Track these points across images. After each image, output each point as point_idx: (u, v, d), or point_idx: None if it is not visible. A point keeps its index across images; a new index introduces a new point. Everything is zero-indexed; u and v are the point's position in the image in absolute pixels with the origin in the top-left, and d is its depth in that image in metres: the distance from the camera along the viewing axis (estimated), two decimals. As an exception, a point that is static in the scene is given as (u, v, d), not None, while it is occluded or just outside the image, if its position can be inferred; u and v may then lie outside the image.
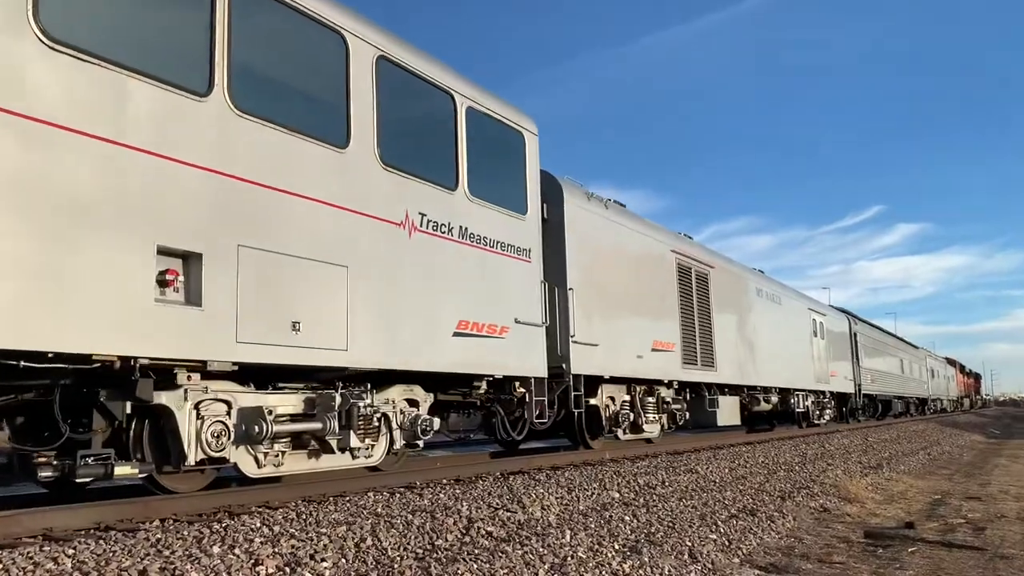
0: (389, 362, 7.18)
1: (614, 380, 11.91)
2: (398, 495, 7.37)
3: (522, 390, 9.46)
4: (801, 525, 9.08)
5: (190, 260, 5.58)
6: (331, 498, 7.08)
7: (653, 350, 12.52)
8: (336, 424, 6.69)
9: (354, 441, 6.80)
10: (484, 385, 9.22)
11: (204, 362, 5.54)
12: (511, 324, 8.95)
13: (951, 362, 69.93)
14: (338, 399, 6.69)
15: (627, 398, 12.48)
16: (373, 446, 7.48)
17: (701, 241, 16.98)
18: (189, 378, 5.52)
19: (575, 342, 10.27)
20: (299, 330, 6.22)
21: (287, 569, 4.96)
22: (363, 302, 6.92)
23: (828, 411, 23.75)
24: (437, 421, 7.97)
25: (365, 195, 7.09)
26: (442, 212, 8.06)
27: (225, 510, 6.22)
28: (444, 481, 8.67)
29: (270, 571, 4.90)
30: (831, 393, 24.12)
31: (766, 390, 18.28)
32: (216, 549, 5.07)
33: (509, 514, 7.26)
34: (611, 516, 7.88)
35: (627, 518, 7.90)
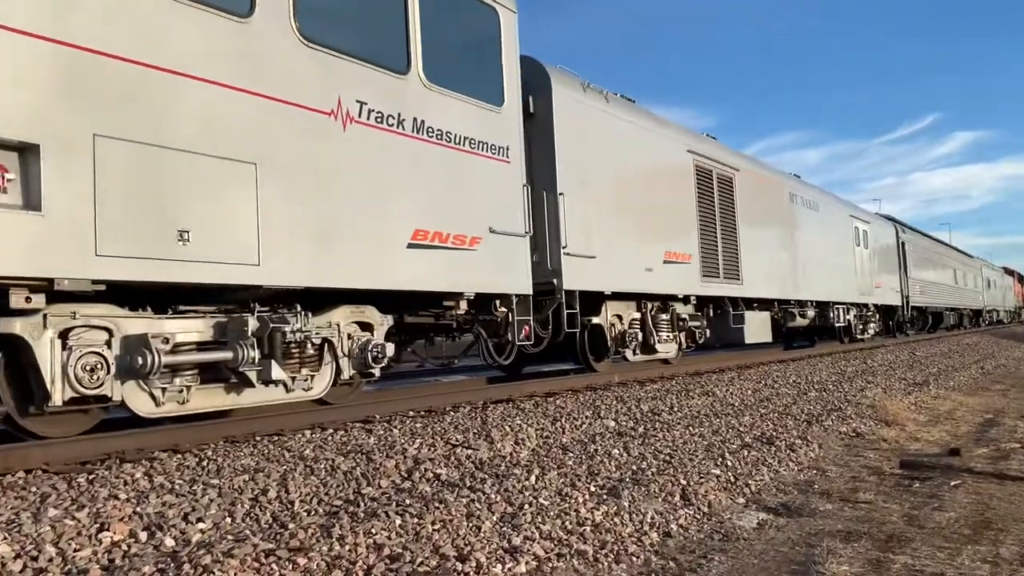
0: (321, 280, 6.04)
1: (620, 296, 10.67)
2: (340, 433, 6.32)
3: (504, 310, 8.29)
4: (827, 454, 7.88)
5: (27, 154, 4.44)
6: (259, 438, 6.05)
7: (665, 262, 11.22)
8: (252, 352, 5.60)
9: (277, 372, 5.71)
10: (463, 305, 8.08)
11: (50, 280, 4.44)
12: (484, 234, 7.72)
13: (1009, 272, 66.95)
14: (252, 323, 5.59)
15: (637, 315, 11.26)
16: (312, 376, 6.40)
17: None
18: (28, 300, 4.43)
19: (568, 254, 9.02)
20: (188, 241, 5.08)
21: (143, 534, 3.91)
22: (281, 207, 5.75)
23: (872, 325, 22.23)
24: (391, 347, 6.86)
25: (279, 76, 5.83)
26: (389, 101, 6.78)
27: (118, 456, 5.23)
28: (411, 414, 7.62)
29: (116, 538, 3.85)
30: (876, 306, 22.55)
31: (802, 304, 16.88)
32: (53, 512, 4.04)
33: (470, 452, 6.18)
34: (596, 450, 6.77)
35: (616, 452, 6.79)
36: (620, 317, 10.88)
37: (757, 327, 14.45)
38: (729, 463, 6.73)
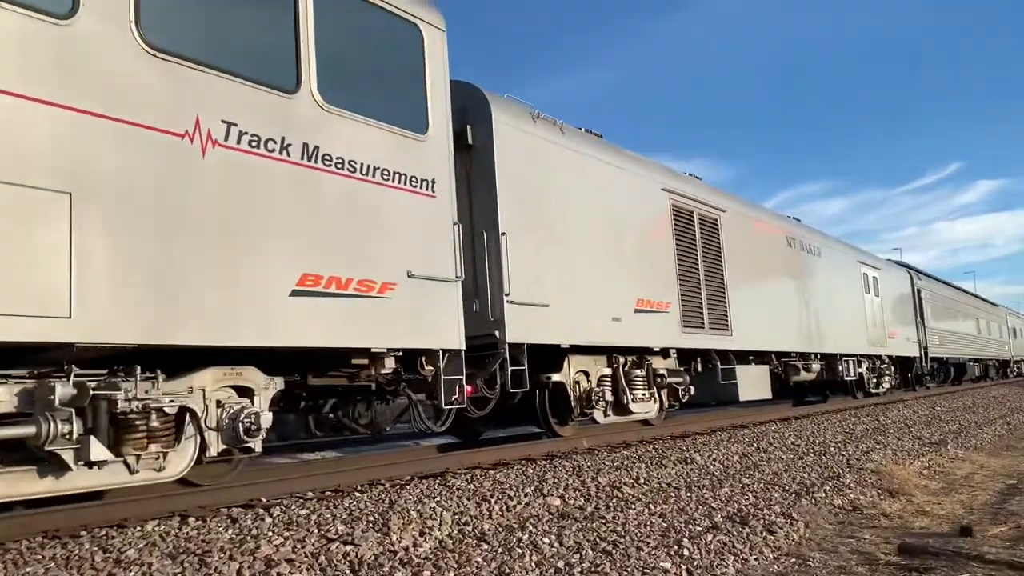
0: (165, 336, 4.92)
1: (584, 350, 9.49)
2: (192, 524, 5.13)
3: (432, 368, 7.13)
4: (813, 536, 6.60)
5: None
6: (83, 532, 4.87)
7: (638, 311, 10.03)
8: (63, 426, 4.46)
9: (97, 451, 4.56)
10: (388, 363, 6.93)
11: None
12: (400, 279, 6.61)
13: (1036, 320, 64.80)
14: (61, 390, 4.47)
15: (608, 371, 10.04)
16: (165, 454, 5.24)
17: (773, 208, 14.38)
18: None
19: (512, 303, 7.88)
20: (-42, 286, 4.00)
21: None
22: (107, 247, 4.67)
23: (888, 378, 20.76)
24: (268, 417, 5.69)
25: (111, 90, 4.81)
26: (269, 123, 5.74)
27: None
28: (309, 495, 6.41)
29: None
30: (890, 357, 21.10)
31: (804, 357, 15.54)
32: None
33: (350, 548, 4.97)
34: (521, 540, 5.55)
35: (545, 542, 5.56)
36: (586, 374, 9.66)
37: (753, 382, 13.14)
38: (686, 552, 5.49)
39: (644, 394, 10.32)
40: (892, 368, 21.31)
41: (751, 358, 13.62)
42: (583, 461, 8.64)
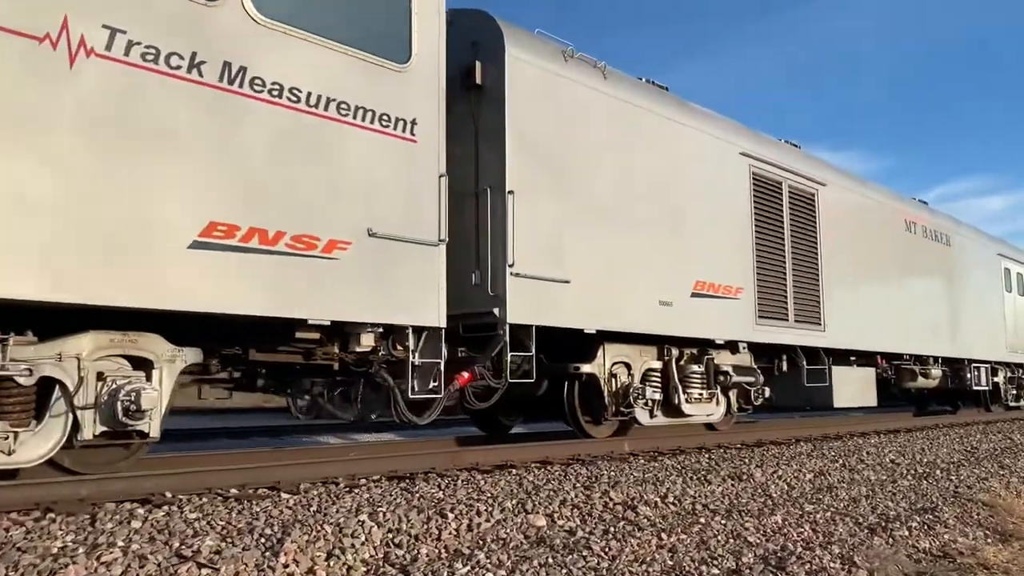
0: (11, 289, 3.91)
1: (625, 338, 8.01)
2: (25, 528, 4.10)
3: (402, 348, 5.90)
4: (872, 596, 5.00)
5: None
6: None
7: (695, 295, 8.43)
8: None
9: None
10: (365, 339, 5.79)
11: None
12: (355, 237, 5.40)
13: None
14: None
15: (656, 365, 8.51)
16: (16, 435, 4.26)
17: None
18: None
19: (516, 275, 6.51)
20: None
21: None
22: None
23: (1031, 390, 17.95)
24: (151, 396, 4.60)
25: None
26: (175, 34, 4.64)
27: None
28: (232, 491, 5.31)
29: None
30: (1036, 367, 18.25)
31: (922, 361, 13.34)
32: None
33: (206, 573, 3.84)
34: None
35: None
36: (627, 366, 8.18)
37: (852, 387, 11.21)
38: (673, 611, 4.07)
39: (702, 394, 8.72)
40: (1037, 379, 18.43)
41: (852, 359, 11.66)
42: (606, 469, 7.21)
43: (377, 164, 5.59)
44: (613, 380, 8.02)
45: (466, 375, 6.63)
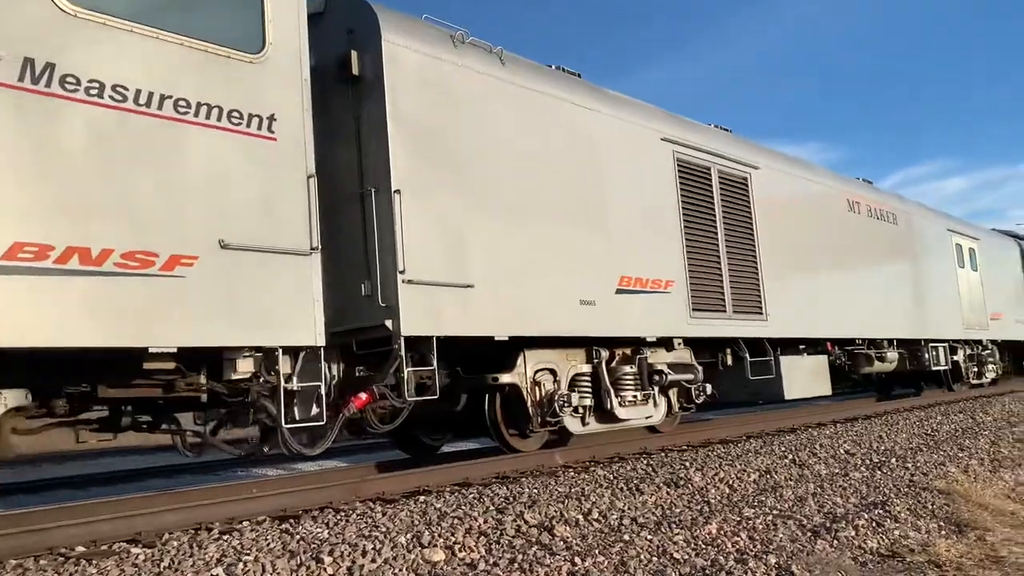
0: None
1: (548, 343, 7.43)
2: None
3: (284, 370, 5.26)
4: (806, 610, 4.48)
5: None
6: None
7: (621, 292, 7.87)
8: None
9: None
10: (246, 365, 5.16)
11: None
12: (203, 251, 4.76)
13: None
14: None
15: (586, 369, 7.93)
16: None
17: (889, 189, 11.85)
18: None
19: (409, 283, 5.90)
20: None
21: None
22: None
23: (992, 366, 17.65)
24: None
25: None
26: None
27: None
28: (75, 551, 4.63)
29: None
30: (994, 342, 17.96)
31: (877, 344, 12.91)
32: None
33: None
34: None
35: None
36: (553, 372, 7.59)
37: (803, 377, 10.72)
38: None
39: (636, 396, 8.15)
40: (997, 355, 18.15)
41: (802, 347, 11.19)
42: (528, 487, 6.61)
43: (228, 167, 4.97)
44: (537, 388, 7.43)
45: (363, 396, 6.00)
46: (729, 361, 9.88)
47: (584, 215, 7.61)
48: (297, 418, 5.29)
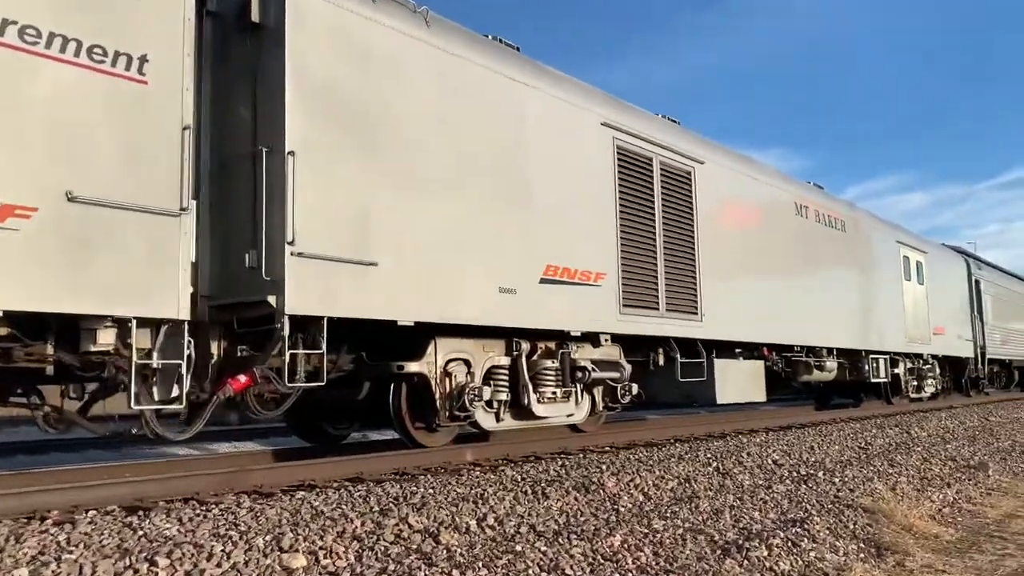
0: None
1: (463, 331, 6.91)
2: None
3: (145, 346, 4.67)
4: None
5: None
6: None
7: (545, 281, 7.38)
8: None
9: None
10: (107, 336, 4.54)
11: None
12: (43, 202, 4.15)
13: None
14: None
15: (504, 361, 7.43)
16: None
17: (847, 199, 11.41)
18: None
19: (299, 255, 5.33)
20: None
21: None
22: None
23: (932, 381, 17.56)
24: None
25: None
26: None
27: None
28: None
29: None
30: (935, 357, 17.88)
31: (816, 352, 12.62)
32: None
33: None
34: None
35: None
36: (467, 363, 7.07)
37: (738, 381, 10.35)
38: None
39: (557, 393, 7.67)
40: (938, 370, 18.08)
41: (738, 351, 10.82)
42: (426, 486, 6.09)
43: (84, 109, 4.35)
44: (448, 380, 6.90)
45: (242, 379, 5.42)
46: (661, 361, 9.45)
47: (509, 197, 7.09)
48: (157, 399, 4.70)
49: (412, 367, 6.59)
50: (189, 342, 4.75)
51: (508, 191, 7.08)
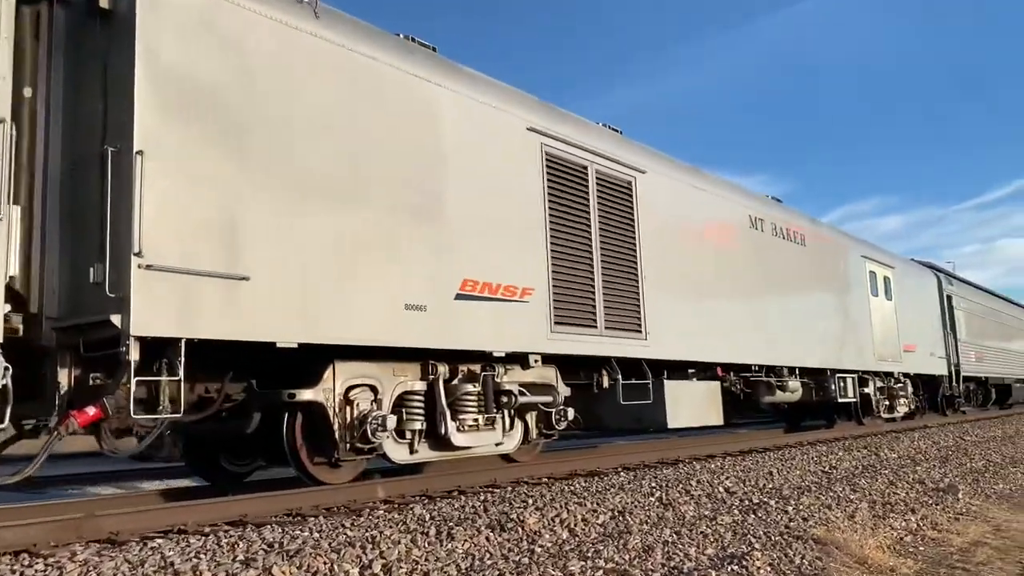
0: None
1: (368, 353, 6.24)
2: None
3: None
4: None
5: None
6: None
7: (462, 297, 6.73)
8: None
9: None
10: None
11: None
12: None
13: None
14: None
15: (419, 387, 6.75)
16: None
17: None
18: None
19: (148, 268, 4.66)
20: None
21: None
22: None
23: (904, 400, 16.97)
24: None
25: None
26: None
27: None
28: None
29: None
30: (909, 376, 17.32)
31: (777, 372, 12.00)
32: None
33: None
34: None
35: None
36: (374, 389, 6.39)
37: (691, 404, 9.69)
38: None
39: (479, 420, 7.00)
40: (911, 388, 17.51)
41: (692, 371, 10.19)
42: (313, 530, 5.38)
43: None
44: (350, 408, 6.21)
45: (91, 411, 4.72)
46: (606, 383, 8.79)
47: (417, 206, 6.46)
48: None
49: (306, 395, 5.90)
50: (6, 369, 4.05)
51: (416, 200, 6.45)
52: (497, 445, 7.38)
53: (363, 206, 5.99)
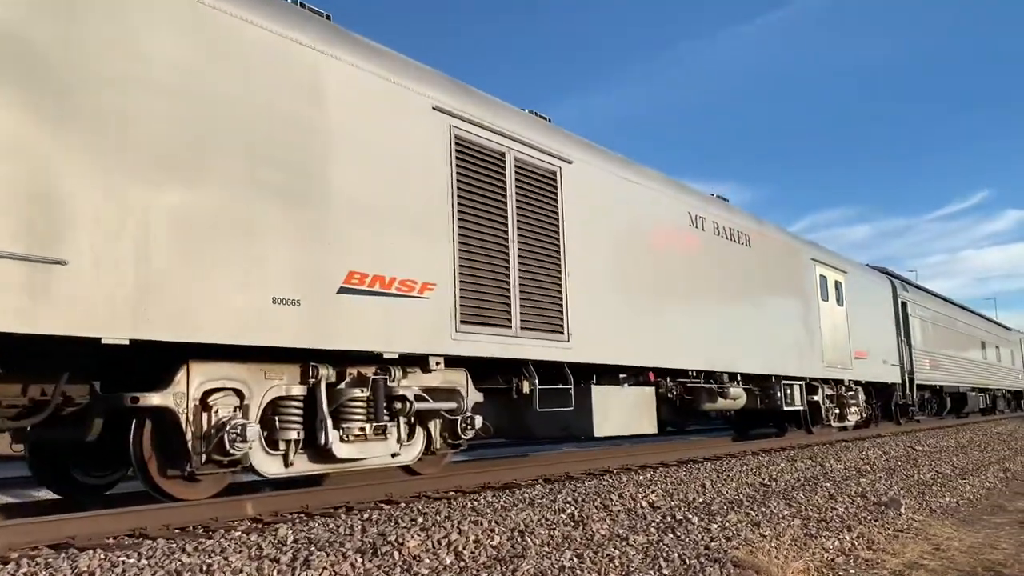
0: None
1: (232, 353, 5.49)
2: None
3: None
4: None
5: None
6: None
7: (347, 291, 6.00)
8: None
9: None
10: None
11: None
12: None
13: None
14: None
15: (298, 392, 6.01)
16: None
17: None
18: None
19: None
20: None
21: None
22: None
23: (855, 408, 16.49)
24: None
25: None
26: None
27: None
28: None
29: None
30: (860, 383, 16.86)
31: (717, 378, 11.39)
32: None
33: None
34: None
35: None
36: (240, 394, 5.63)
37: (621, 411, 9.04)
38: None
39: (367, 429, 6.26)
40: (862, 396, 17.05)
41: (623, 376, 9.53)
42: (145, 555, 4.61)
43: None
44: (208, 415, 5.44)
45: None
46: (526, 388, 8.10)
47: (289, 186, 5.72)
48: None
49: (152, 399, 5.13)
50: None
51: (287, 179, 5.70)
52: (393, 456, 6.64)
53: (215, 185, 5.22)
